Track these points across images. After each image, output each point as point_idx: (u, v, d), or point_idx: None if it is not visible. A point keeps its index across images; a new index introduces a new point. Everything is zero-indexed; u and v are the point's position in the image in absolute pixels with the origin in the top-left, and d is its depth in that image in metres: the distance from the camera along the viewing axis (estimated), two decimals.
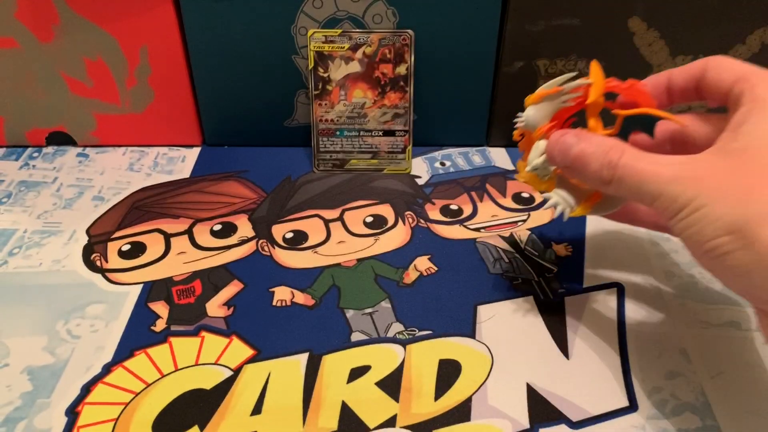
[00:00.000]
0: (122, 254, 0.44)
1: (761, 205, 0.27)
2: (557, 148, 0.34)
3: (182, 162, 0.53)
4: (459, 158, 0.54)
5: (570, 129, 0.35)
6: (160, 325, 0.39)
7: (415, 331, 0.39)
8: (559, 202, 0.36)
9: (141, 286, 0.42)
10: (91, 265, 0.43)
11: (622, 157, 0.31)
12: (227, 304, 0.40)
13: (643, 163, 0.31)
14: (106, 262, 0.43)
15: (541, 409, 0.34)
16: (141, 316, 0.39)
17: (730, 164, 0.29)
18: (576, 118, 0.37)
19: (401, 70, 0.49)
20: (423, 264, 0.43)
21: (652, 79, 0.36)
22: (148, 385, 0.35)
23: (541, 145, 0.35)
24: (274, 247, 0.45)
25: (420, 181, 0.51)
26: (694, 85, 0.34)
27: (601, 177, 0.32)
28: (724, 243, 0.28)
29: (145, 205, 0.48)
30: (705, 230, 0.28)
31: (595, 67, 0.35)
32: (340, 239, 0.45)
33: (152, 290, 0.41)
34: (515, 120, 0.37)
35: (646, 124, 0.36)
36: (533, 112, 0.36)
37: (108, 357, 0.37)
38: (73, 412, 0.34)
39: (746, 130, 0.29)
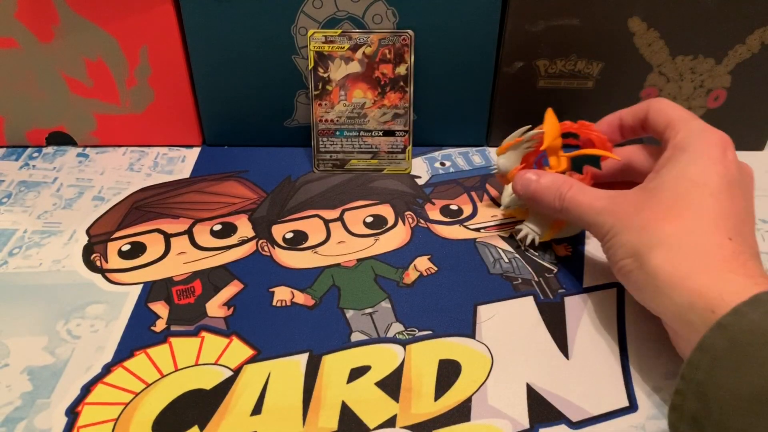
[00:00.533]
0: (122, 254, 0.44)
1: (652, 236, 0.34)
2: (520, 183, 0.43)
3: (182, 162, 0.53)
4: (459, 158, 0.54)
5: (532, 169, 0.44)
6: (160, 325, 0.39)
7: (415, 331, 0.39)
8: (528, 233, 0.44)
9: (141, 286, 0.42)
10: (91, 265, 0.43)
11: (569, 191, 0.39)
12: (227, 304, 0.40)
13: (582, 197, 0.39)
14: (106, 262, 0.43)
15: (541, 409, 0.34)
16: (141, 316, 0.39)
17: (642, 200, 0.36)
18: (544, 156, 0.44)
19: (401, 70, 0.49)
20: (423, 264, 0.43)
21: (607, 119, 0.43)
22: (148, 385, 0.35)
23: (509, 187, 0.44)
24: (274, 247, 0.45)
25: (420, 181, 0.51)
26: (641, 125, 0.41)
27: (554, 206, 0.41)
28: (627, 264, 0.35)
29: (145, 205, 0.48)
30: (616, 253, 0.36)
31: (548, 116, 0.43)
32: (340, 239, 0.45)
33: (152, 290, 0.41)
34: (493, 167, 0.45)
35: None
36: (503, 161, 0.44)
37: (108, 357, 0.37)
38: (73, 412, 0.34)
39: (662, 174, 0.36)
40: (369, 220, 0.47)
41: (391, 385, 0.35)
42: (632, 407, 0.35)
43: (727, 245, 0.32)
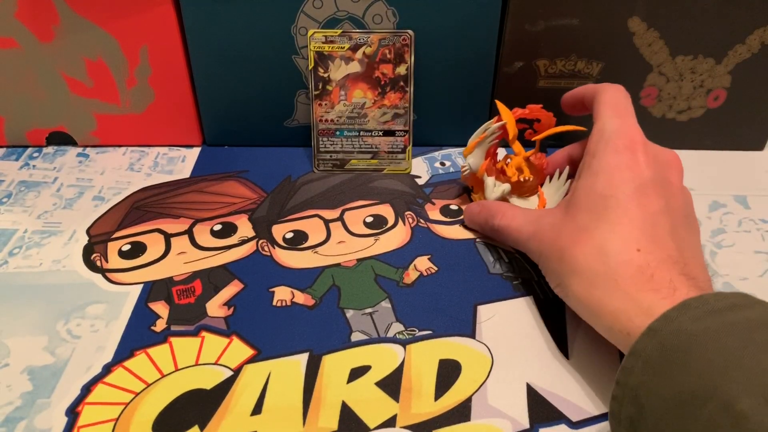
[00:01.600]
0: (122, 254, 0.44)
1: (568, 264, 0.35)
2: (466, 215, 0.46)
3: (182, 162, 0.53)
4: (459, 158, 0.54)
5: (495, 161, 0.47)
6: (160, 325, 0.39)
7: (415, 331, 0.39)
8: None
9: (141, 286, 0.42)
10: (91, 265, 0.43)
11: (500, 219, 0.41)
12: (227, 304, 0.40)
13: (513, 223, 0.41)
14: (107, 262, 0.43)
15: (541, 409, 0.34)
16: (141, 316, 0.39)
17: (560, 223, 0.37)
18: (500, 139, 0.46)
19: (401, 70, 0.49)
20: (423, 264, 0.43)
21: (576, 92, 0.44)
22: (149, 385, 0.35)
23: (489, 180, 0.45)
24: (274, 247, 0.45)
25: (420, 181, 0.51)
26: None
27: (490, 235, 0.44)
28: (558, 291, 0.37)
29: (145, 205, 0.48)
30: (549, 280, 0.37)
31: (501, 107, 0.45)
32: (340, 239, 0.45)
33: (152, 290, 0.41)
34: (462, 168, 0.47)
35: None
36: (473, 160, 0.46)
37: (108, 357, 0.37)
38: (73, 412, 0.34)
39: (578, 186, 0.37)
40: (369, 220, 0.47)
41: (391, 385, 0.35)
42: None
43: (634, 259, 0.32)
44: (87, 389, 0.35)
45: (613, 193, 0.35)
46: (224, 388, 0.35)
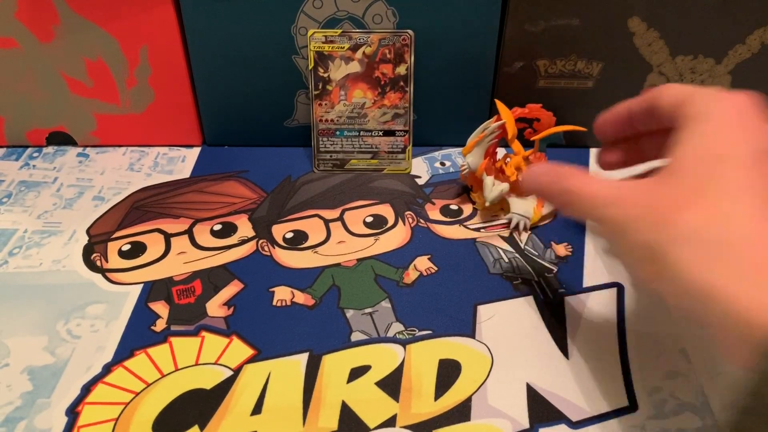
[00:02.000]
0: (122, 254, 0.44)
1: (671, 231, 0.27)
2: (527, 175, 0.36)
3: (182, 162, 0.53)
4: (459, 158, 0.54)
5: (495, 159, 0.46)
6: (160, 325, 0.39)
7: (415, 330, 0.39)
8: (519, 220, 0.46)
9: (141, 286, 0.42)
10: (91, 265, 0.43)
11: (574, 181, 0.33)
12: (227, 304, 0.40)
13: (587, 187, 0.32)
14: (107, 262, 0.43)
15: (541, 409, 0.34)
16: (141, 316, 0.39)
17: (656, 188, 0.29)
18: (499, 138, 0.46)
19: (401, 70, 0.49)
20: (423, 264, 0.43)
21: (616, 110, 0.37)
22: (149, 385, 0.35)
23: (488, 180, 0.46)
24: (274, 247, 0.45)
25: (420, 181, 0.51)
26: (648, 113, 0.34)
27: (554, 199, 0.34)
28: (646, 272, 0.29)
29: (145, 205, 0.48)
30: (631, 259, 0.30)
31: (501, 106, 0.45)
32: (340, 239, 0.45)
33: (152, 290, 0.41)
34: (461, 167, 0.47)
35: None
36: (471, 159, 0.46)
37: (108, 357, 0.37)
38: (73, 412, 0.34)
39: (676, 153, 0.30)
40: (369, 220, 0.47)
41: (391, 384, 0.35)
42: (632, 407, 0.34)
43: (766, 233, 0.26)
44: (87, 389, 0.35)
45: (732, 152, 0.28)
46: (224, 388, 0.35)
